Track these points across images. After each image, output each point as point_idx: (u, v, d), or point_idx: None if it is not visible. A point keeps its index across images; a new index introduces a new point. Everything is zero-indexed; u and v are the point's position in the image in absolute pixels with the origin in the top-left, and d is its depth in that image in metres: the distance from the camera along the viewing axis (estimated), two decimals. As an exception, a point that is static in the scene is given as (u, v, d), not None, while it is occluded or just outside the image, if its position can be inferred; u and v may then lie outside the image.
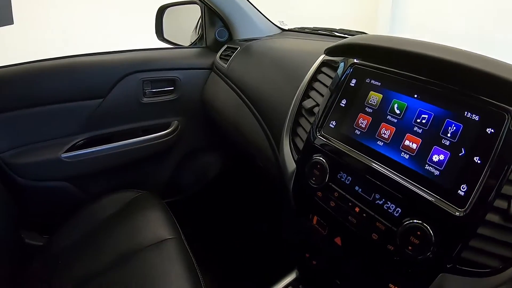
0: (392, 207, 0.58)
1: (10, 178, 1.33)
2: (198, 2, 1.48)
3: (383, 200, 0.59)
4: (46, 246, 1.25)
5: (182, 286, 0.95)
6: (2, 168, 1.31)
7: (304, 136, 0.79)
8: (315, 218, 0.77)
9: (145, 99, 1.45)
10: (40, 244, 1.35)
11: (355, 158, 0.65)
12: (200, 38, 1.60)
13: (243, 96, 1.17)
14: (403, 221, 0.55)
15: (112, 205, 1.27)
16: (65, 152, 1.35)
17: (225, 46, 1.45)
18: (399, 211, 0.57)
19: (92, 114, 1.39)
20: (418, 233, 0.53)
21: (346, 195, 0.66)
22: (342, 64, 0.76)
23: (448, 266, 0.52)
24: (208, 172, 1.71)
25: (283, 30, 1.47)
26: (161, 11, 1.59)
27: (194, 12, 1.62)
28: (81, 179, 1.44)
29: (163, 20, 1.60)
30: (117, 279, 1.01)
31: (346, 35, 1.11)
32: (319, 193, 0.72)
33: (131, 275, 1.01)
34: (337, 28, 1.21)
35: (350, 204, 0.65)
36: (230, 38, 1.49)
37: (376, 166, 0.61)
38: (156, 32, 1.60)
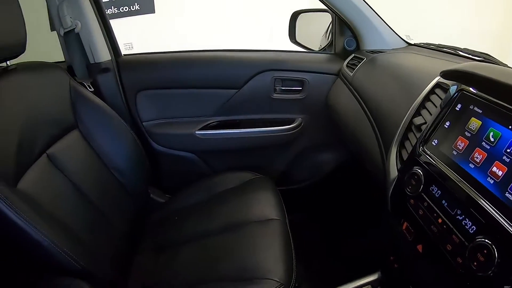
0: (469, 224, 0.64)
1: (148, 143, 1.64)
2: (330, 11, 1.57)
3: (463, 216, 0.65)
4: (167, 203, 1.52)
5: (276, 263, 1.07)
6: (144, 134, 1.63)
7: (409, 148, 0.87)
8: (405, 223, 0.85)
9: (275, 95, 1.62)
10: (162, 201, 1.60)
11: (448, 175, 0.72)
12: (330, 45, 1.71)
13: (363, 104, 1.25)
14: (476, 238, 0.61)
15: (230, 181, 1.47)
16: (199, 130, 1.61)
17: (352, 55, 1.54)
18: (474, 229, 0.62)
19: (227, 101, 1.62)
20: (485, 251, 0.58)
21: (434, 206, 0.73)
22: (453, 88, 0.82)
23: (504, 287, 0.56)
24: (322, 168, 1.82)
25: (409, 44, 1.51)
26: (294, 16, 1.74)
27: (324, 18, 1.71)
28: (208, 155, 1.69)
29: (295, 24, 1.74)
30: (222, 243, 1.19)
31: (469, 56, 1.12)
32: (412, 201, 0.80)
33: (235, 242, 1.18)
34: (462, 48, 1.22)
35: (435, 214, 0.72)
36: (358, 47, 1.57)
37: (464, 185, 0.68)
38: (289, 35, 1.75)
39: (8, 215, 0.85)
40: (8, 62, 1.14)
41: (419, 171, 0.79)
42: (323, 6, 1.52)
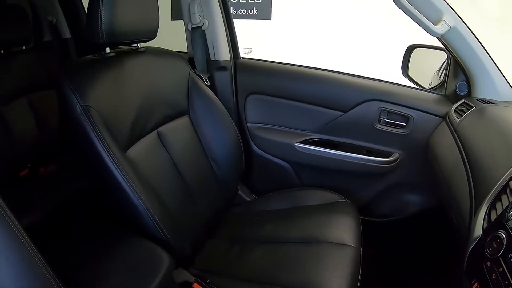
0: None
1: (248, 143, 1.75)
2: (446, 51, 1.55)
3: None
4: (252, 202, 1.64)
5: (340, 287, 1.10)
6: (246, 134, 1.75)
7: (499, 210, 0.86)
8: (476, 284, 0.84)
9: (378, 125, 1.63)
10: (247, 199, 1.73)
11: None
12: (441, 85, 1.67)
13: (463, 153, 1.23)
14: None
15: (316, 198, 1.53)
16: (299, 142, 1.69)
17: (462, 100, 1.50)
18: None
19: (330, 122, 1.68)
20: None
21: (508, 273, 0.73)
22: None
23: None
24: (407, 208, 1.78)
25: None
26: (410, 49, 1.72)
27: (439, 56, 1.67)
28: (301, 167, 1.77)
29: (410, 58, 1.73)
30: (294, 253, 1.26)
31: None
32: (489, 263, 0.79)
33: (306, 255, 1.23)
34: None
35: (507, 282, 0.72)
36: (469, 94, 1.53)
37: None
38: (402, 68, 1.74)
39: (115, 174, 1.01)
40: (139, 45, 1.31)
41: (503, 235, 0.78)
42: (440, 44, 1.50)
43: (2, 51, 2.00)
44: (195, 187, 1.34)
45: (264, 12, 3.95)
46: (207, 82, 1.66)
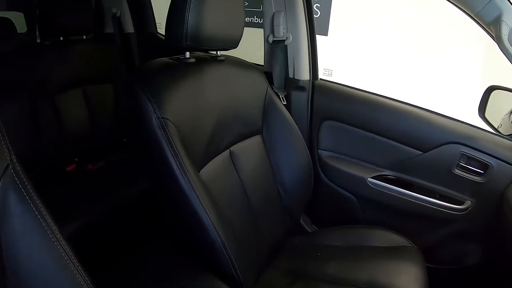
0: None
1: (316, 171, 1.62)
2: None
3: None
4: (313, 234, 1.53)
5: None
6: (316, 161, 1.61)
7: None
8: None
9: (456, 170, 1.48)
10: (308, 230, 1.59)
11: None
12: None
13: None
14: None
15: (383, 239, 1.41)
16: (372, 177, 1.55)
17: None
18: None
19: (407, 160, 1.52)
20: None
21: None
22: None
23: None
24: (472, 256, 1.63)
25: None
26: (489, 90, 1.57)
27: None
28: (369, 203, 1.62)
29: (488, 99, 1.59)
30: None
31: None
32: None
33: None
34: None
35: None
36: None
37: None
38: (479, 109, 1.60)
39: (189, 198, 0.93)
40: (218, 53, 1.22)
41: None
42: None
43: (61, 38, 1.93)
44: (260, 213, 1.26)
45: (320, 28, 3.75)
46: (283, 101, 1.54)
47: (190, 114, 1.01)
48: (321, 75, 1.67)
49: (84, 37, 2.04)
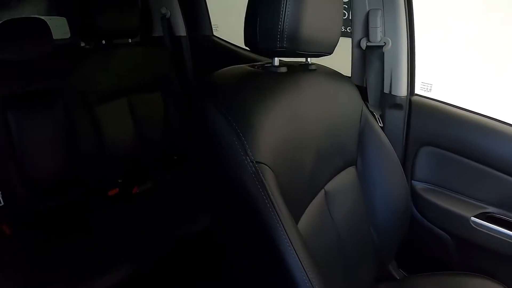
0: None
1: (409, 205, 1.32)
2: None
3: None
4: (402, 282, 1.29)
5: None
6: (409, 193, 1.31)
7: None
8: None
9: None
10: (396, 277, 1.35)
11: None
12: None
13: None
14: None
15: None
16: (475, 216, 1.25)
17: None
18: None
19: None
20: None
21: None
22: None
23: None
24: None
25: None
26: None
27: None
28: (467, 246, 1.35)
29: None
30: None
31: None
32: None
33: None
34: None
35: None
36: None
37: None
38: None
39: (283, 251, 0.68)
40: (309, 60, 0.99)
41: None
42: None
43: (104, 41, 1.72)
44: (353, 260, 1.03)
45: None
46: (379, 122, 1.23)
47: (290, 152, 0.78)
48: (417, 90, 1.36)
49: (130, 40, 1.81)
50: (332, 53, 0.95)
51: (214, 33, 1.90)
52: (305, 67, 0.96)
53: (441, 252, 1.36)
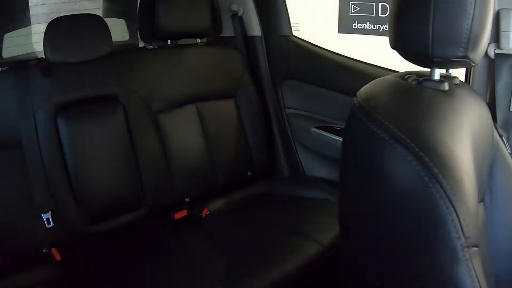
0: None
1: None
2: None
3: None
4: None
5: None
6: None
7: None
8: None
9: None
10: None
11: None
12: None
13: None
14: None
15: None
16: None
17: None
18: None
19: None
20: None
21: None
22: None
23: None
24: None
25: None
26: None
27: None
28: None
29: None
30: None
31: None
32: None
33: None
34: None
35: None
36: None
37: None
38: None
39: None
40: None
41: None
42: None
43: (169, 42, 1.54)
44: None
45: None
46: (509, 148, 0.97)
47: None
48: None
49: (198, 40, 1.60)
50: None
51: (294, 33, 1.66)
52: (450, 81, 0.72)
53: None
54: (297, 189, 1.51)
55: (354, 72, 1.43)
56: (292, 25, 1.66)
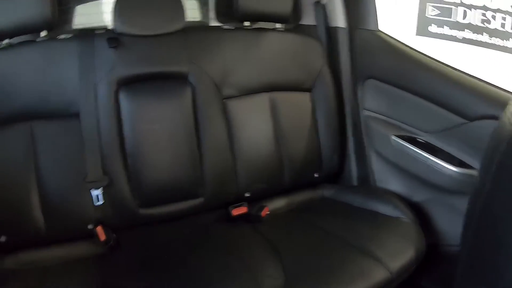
0: None
1: None
2: None
3: None
4: None
5: None
6: None
7: None
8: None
9: None
10: None
11: None
12: None
13: None
14: None
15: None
16: None
17: None
18: None
19: None
20: None
21: None
22: None
23: None
24: None
25: None
26: None
27: None
28: None
29: None
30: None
31: None
32: None
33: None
34: None
35: None
36: None
37: None
38: None
39: None
40: None
41: None
42: None
43: (247, 24, 1.44)
44: None
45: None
46: None
47: None
48: None
49: (278, 25, 1.48)
50: None
51: (380, 28, 1.49)
52: None
53: None
54: (367, 201, 1.35)
55: (452, 83, 1.24)
56: (378, 19, 1.49)
